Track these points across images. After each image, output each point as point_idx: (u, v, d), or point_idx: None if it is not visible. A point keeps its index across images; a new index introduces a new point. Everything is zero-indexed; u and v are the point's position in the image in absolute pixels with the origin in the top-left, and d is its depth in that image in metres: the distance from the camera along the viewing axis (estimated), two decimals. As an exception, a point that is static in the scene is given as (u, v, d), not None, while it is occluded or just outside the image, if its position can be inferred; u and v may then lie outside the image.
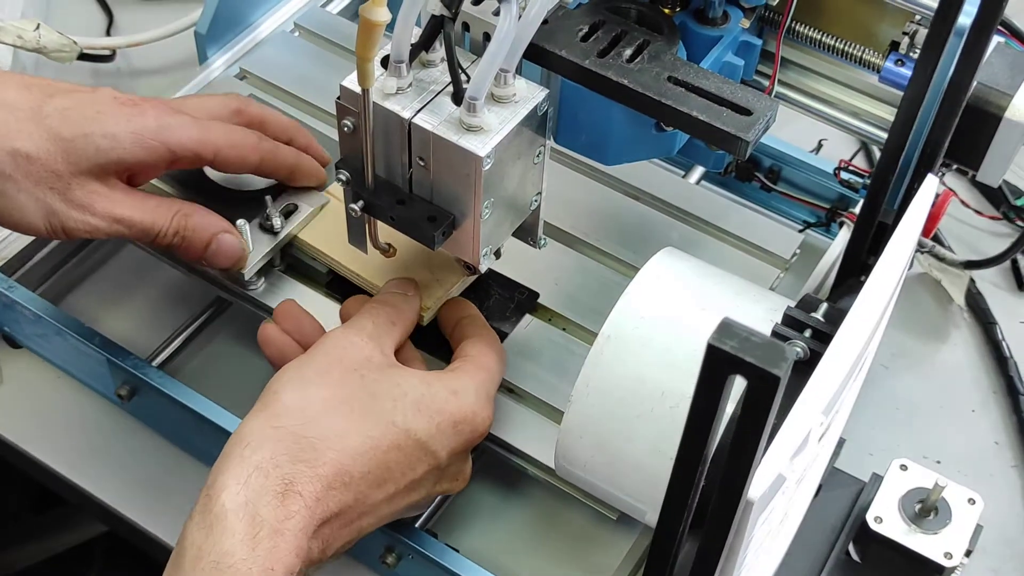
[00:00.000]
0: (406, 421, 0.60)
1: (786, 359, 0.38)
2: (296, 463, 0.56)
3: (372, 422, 0.59)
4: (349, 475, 0.57)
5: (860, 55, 0.69)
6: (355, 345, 0.63)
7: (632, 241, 0.79)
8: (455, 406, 0.62)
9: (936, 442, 0.79)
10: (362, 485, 0.58)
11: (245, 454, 0.56)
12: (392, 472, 0.59)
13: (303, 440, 0.57)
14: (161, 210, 0.69)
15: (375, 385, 0.61)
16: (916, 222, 0.56)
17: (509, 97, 0.60)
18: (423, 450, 0.61)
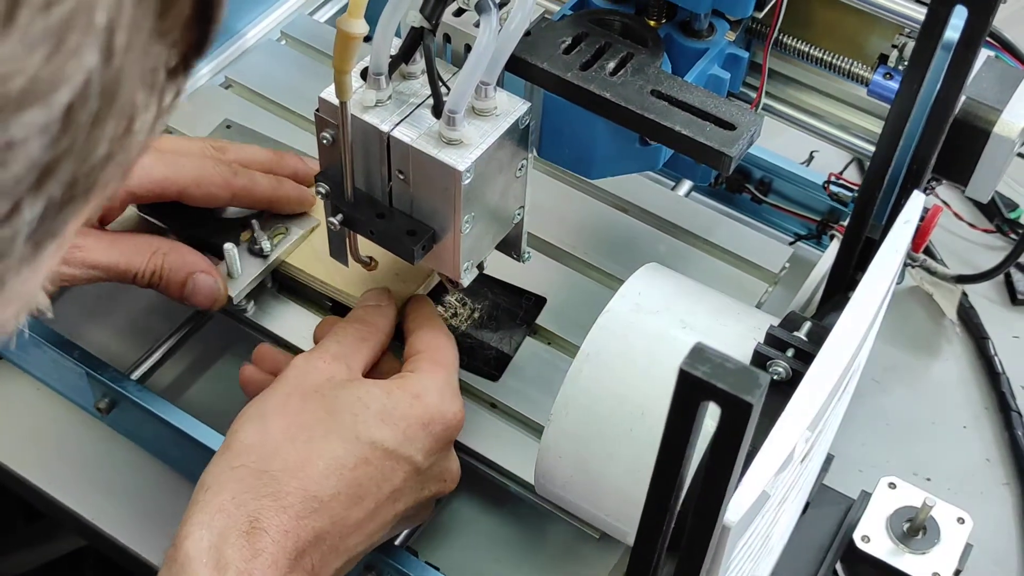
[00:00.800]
0: (370, 433, 0.59)
1: (759, 385, 0.38)
2: (260, 499, 0.55)
3: (335, 442, 0.58)
4: (318, 500, 0.56)
5: (848, 68, 0.68)
6: (316, 368, 0.62)
7: (619, 254, 0.78)
8: (420, 409, 0.61)
9: (926, 458, 0.78)
10: (336, 507, 0.57)
11: (207, 498, 0.55)
12: (366, 487, 0.58)
13: (264, 475, 0.56)
14: (137, 251, 0.68)
15: (335, 403, 0.60)
16: (902, 240, 0.55)
17: (490, 110, 0.59)
18: (395, 458, 0.60)
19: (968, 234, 0.89)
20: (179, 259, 0.69)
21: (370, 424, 0.59)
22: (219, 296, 0.70)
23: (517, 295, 0.75)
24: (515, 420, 0.70)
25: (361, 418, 0.59)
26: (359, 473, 0.58)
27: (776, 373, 0.54)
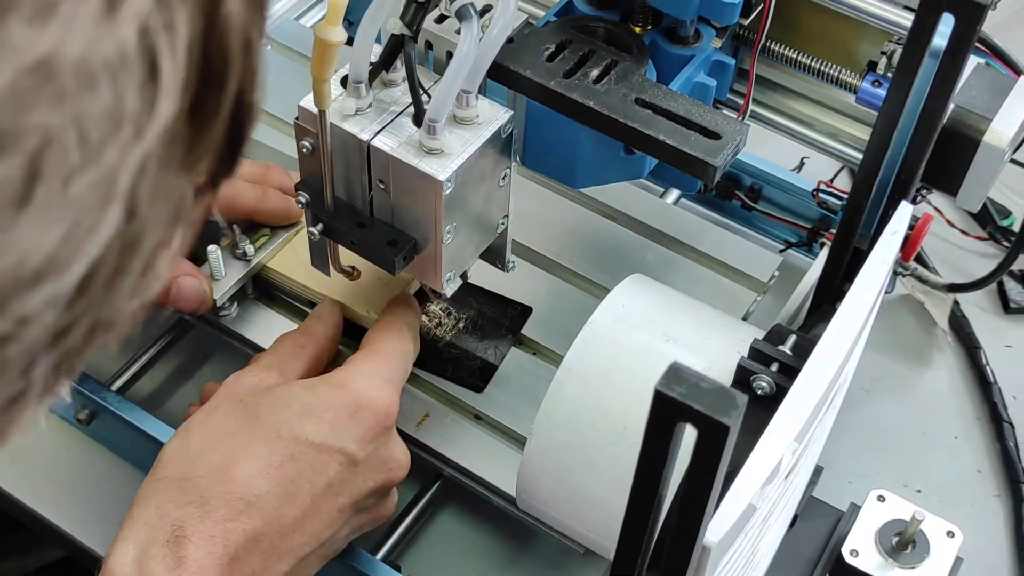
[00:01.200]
0: (292, 430, 0.58)
1: (736, 407, 0.37)
2: (183, 507, 0.55)
3: (258, 443, 0.58)
4: (244, 502, 0.56)
5: (837, 75, 0.67)
6: (244, 380, 0.62)
7: (606, 263, 0.77)
8: (344, 398, 0.60)
9: (917, 470, 0.77)
10: (266, 507, 0.56)
11: (133, 514, 0.55)
12: (297, 483, 0.58)
13: (186, 483, 0.56)
14: None
15: (258, 407, 0.60)
16: (888, 252, 0.54)
17: (472, 119, 0.59)
18: (324, 451, 0.59)
19: (960, 241, 0.88)
20: None
21: (293, 421, 0.59)
22: (205, 298, 0.69)
23: (503, 304, 0.74)
24: (500, 432, 0.69)
25: (283, 416, 0.59)
26: (287, 470, 0.57)
27: (760, 388, 0.53)
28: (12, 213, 0.22)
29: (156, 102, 0.24)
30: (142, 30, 0.24)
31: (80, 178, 0.23)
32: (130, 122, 0.24)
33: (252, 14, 0.27)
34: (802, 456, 0.55)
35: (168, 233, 0.27)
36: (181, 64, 0.25)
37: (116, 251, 0.25)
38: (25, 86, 0.21)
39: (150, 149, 0.25)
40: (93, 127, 0.23)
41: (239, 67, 0.27)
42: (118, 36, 0.23)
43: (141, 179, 0.25)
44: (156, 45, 0.24)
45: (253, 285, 0.74)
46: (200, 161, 0.27)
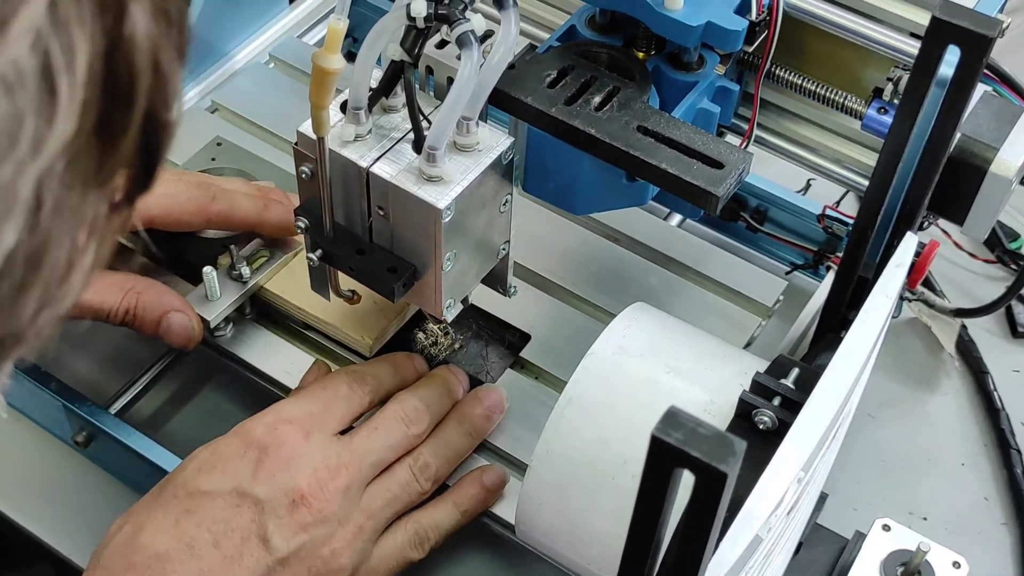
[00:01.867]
0: (187, 487, 0.58)
1: (734, 453, 0.36)
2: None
3: (158, 509, 0.58)
4: (146, 565, 0.56)
5: (842, 101, 0.66)
6: None
7: (609, 286, 0.76)
8: (234, 443, 0.59)
9: (923, 497, 0.76)
10: (172, 564, 0.56)
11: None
12: (198, 535, 0.57)
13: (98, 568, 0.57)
14: (111, 289, 0.67)
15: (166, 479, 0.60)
16: (893, 285, 0.53)
17: (472, 146, 0.58)
18: (218, 496, 0.58)
19: (968, 264, 0.87)
20: (153, 298, 0.67)
21: (188, 478, 0.59)
22: (193, 336, 0.69)
23: (502, 328, 0.73)
24: (499, 458, 0.68)
25: (181, 477, 0.59)
26: (185, 525, 0.57)
27: (762, 423, 0.52)
28: None
29: (54, 120, 0.25)
30: (37, 49, 0.24)
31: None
32: (27, 138, 0.24)
33: (162, 32, 0.27)
34: (806, 488, 0.55)
35: (79, 248, 0.27)
36: (80, 83, 0.25)
37: (20, 264, 0.25)
38: None
39: (49, 165, 0.25)
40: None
41: (147, 85, 0.27)
42: (10, 53, 0.23)
43: (42, 195, 0.25)
44: (53, 64, 0.24)
45: (251, 306, 0.74)
46: (112, 178, 0.27)
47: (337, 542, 0.59)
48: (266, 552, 0.57)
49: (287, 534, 0.57)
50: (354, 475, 0.60)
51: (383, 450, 0.62)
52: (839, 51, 0.66)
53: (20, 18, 0.23)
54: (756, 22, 0.61)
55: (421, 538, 0.63)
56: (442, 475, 0.64)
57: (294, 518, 0.58)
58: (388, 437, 0.62)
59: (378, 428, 0.62)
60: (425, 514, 0.63)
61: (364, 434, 0.61)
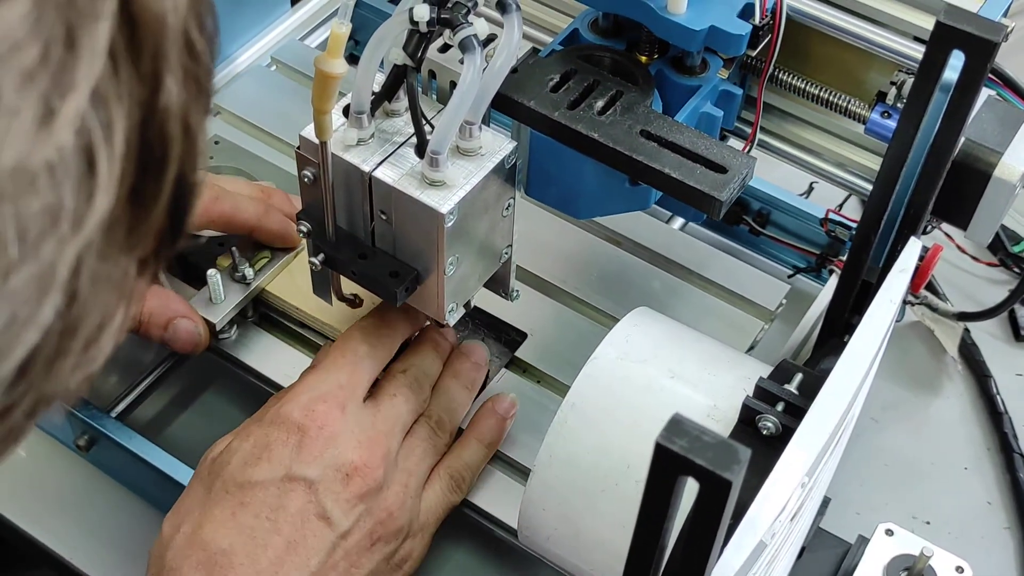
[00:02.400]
0: (236, 480, 0.59)
1: (739, 461, 0.36)
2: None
3: (212, 506, 0.59)
4: (213, 562, 0.56)
5: (845, 105, 0.66)
6: (211, 451, 0.62)
7: (612, 290, 0.76)
8: (274, 433, 0.60)
9: (926, 501, 0.76)
10: (238, 558, 0.56)
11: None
12: (257, 526, 0.57)
13: (164, 570, 0.57)
14: None
15: (210, 476, 0.61)
16: (897, 290, 0.53)
17: (475, 150, 0.58)
18: (270, 485, 0.58)
19: (971, 267, 0.87)
20: (159, 304, 0.67)
21: (235, 472, 0.59)
22: (200, 342, 0.69)
23: (499, 328, 0.73)
24: (500, 462, 0.68)
25: (227, 473, 0.59)
26: (242, 517, 0.58)
27: (765, 428, 0.52)
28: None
29: (94, 196, 0.25)
30: (79, 131, 0.24)
31: (18, 273, 0.23)
32: (67, 217, 0.24)
33: (192, 97, 0.27)
34: (810, 493, 0.54)
35: (111, 311, 0.27)
36: (118, 157, 0.25)
37: (56, 335, 0.25)
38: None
39: (88, 240, 0.25)
40: (31, 224, 0.23)
41: (179, 151, 0.27)
42: (55, 142, 0.23)
43: (80, 268, 0.25)
44: (93, 143, 0.24)
45: (253, 309, 0.74)
46: (142, 241, 0.28)
47: (389, 503, 0.61)
48: (329, 528, 0.58)
49: (346, 507, 0.59)
50: (392, 440, 0.62)
51: (407, 414, 0.64)
52: (842, 55, 0.66)
53: (68, 105, 0.23)
54: (759, 26, 0.61)
55: (457, 481, 0.65)
56: (454, 428, 0.67)
57: (350, 490, 0.59)
58: (407, 402, 0.64)
59: (396, 395, 0.64)
60: (454, 457, 0.65)
61: (388, 402, 0.63)
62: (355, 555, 0.59)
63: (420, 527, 0.63)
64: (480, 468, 0.66)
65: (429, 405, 0.66)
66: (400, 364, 0.66)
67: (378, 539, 0.60)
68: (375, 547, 0.60)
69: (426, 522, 0.63)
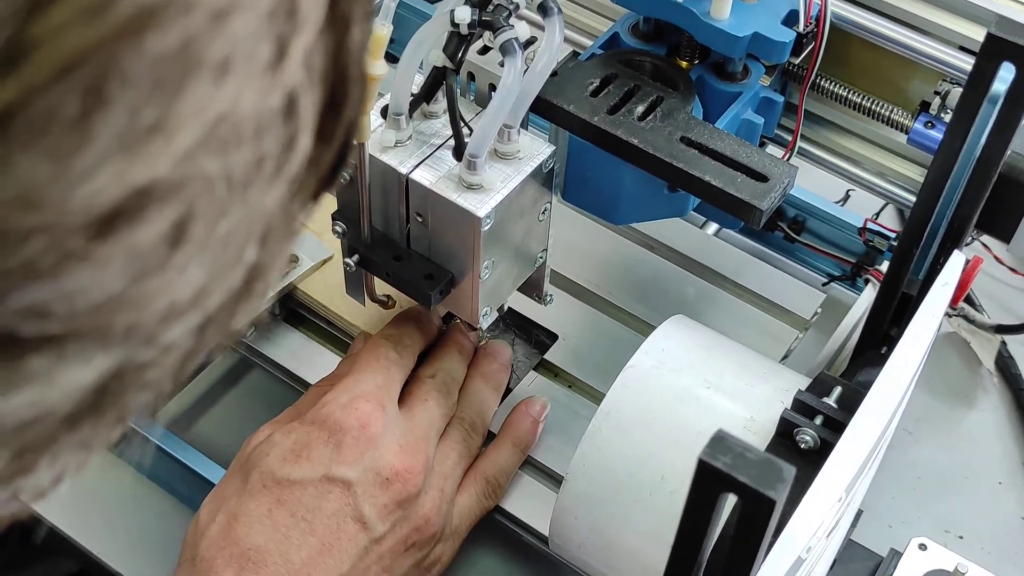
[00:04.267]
0: (275, 476, 0.58)
1: (783, 480, 0.35)
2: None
3: (248, 500, 0.58)
4: (246, 558, 0.56)
5: (888, 114, 0.65)
6: (248, 446, 0.62)
7: (646, 295, 0.75)
8: (317, 431, 0.60)
9: (959, 515, 0.75)
10: (271, 556, 0.56)
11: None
12: (293, 525, 0.57)
13: (196, 560, 0.57)
14: None
15: (247, 467, 0.60)
16: (939, 304, 0.52)
17: (513, 154, 0.57)
18: (309, 485, 0.58)
19: (1009, 279, 0.86)
20: None
21: (274, 467, 0.59)
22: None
23: (529, 327, 0.73)
24: (529, 466, 0.68)
25: (266, 467, 0.59)
26: (278, 516, 0.57)
27: (804, 442, 0.51)
28: (166, 253, 0.22)
29: (296, 138, 0.24)
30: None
31: (227, 218, 0.23)
32: (271, 159, 0.24)
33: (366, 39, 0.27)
34: (846, 508, 0.54)
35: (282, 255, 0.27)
36: (317, 98, 0.25)
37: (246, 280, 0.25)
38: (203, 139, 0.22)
39: (288, 182, 0.25)
40: (240, 169, 0.23)
41: (357, 93, 0.27)
42: (283, 86, 0.23)
43: (276, 212, 0.25)
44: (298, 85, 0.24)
45: (281, 306, 0.73)
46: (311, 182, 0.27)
47: (426, 510, 0.60)
48: (364, 532, 0.58)
49: (383, 512, 0.59)
50: (429, 446, 0.62)
51: (440, 419, 0.64)
52: (884, 63, 0.65)
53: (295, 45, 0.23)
54: (803, 33, 0.60)
55: (492, 486, 0.65)
56: (485, 429, 0.67)
57: (388, 495, 0.59)
58: (439, 407, 0.64)
59: (428, 400, 0.64)
60: (489, 462, 0.65)
61: (421, 407, 0.63)
62: (388, 560, 0.59)
63: (452, 531, 0.63)
64: (513, 472, 0.66)
65: (459, 408, 0.66)
66: (427, 369, 0.66)
67: (412, 545, 0.60)
68: (408, 552, 0.60)
69: (459, 526, 0.63)
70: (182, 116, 0.21)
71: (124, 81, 0.20)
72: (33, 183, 0.20)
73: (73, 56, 0.19)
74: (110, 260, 0.21)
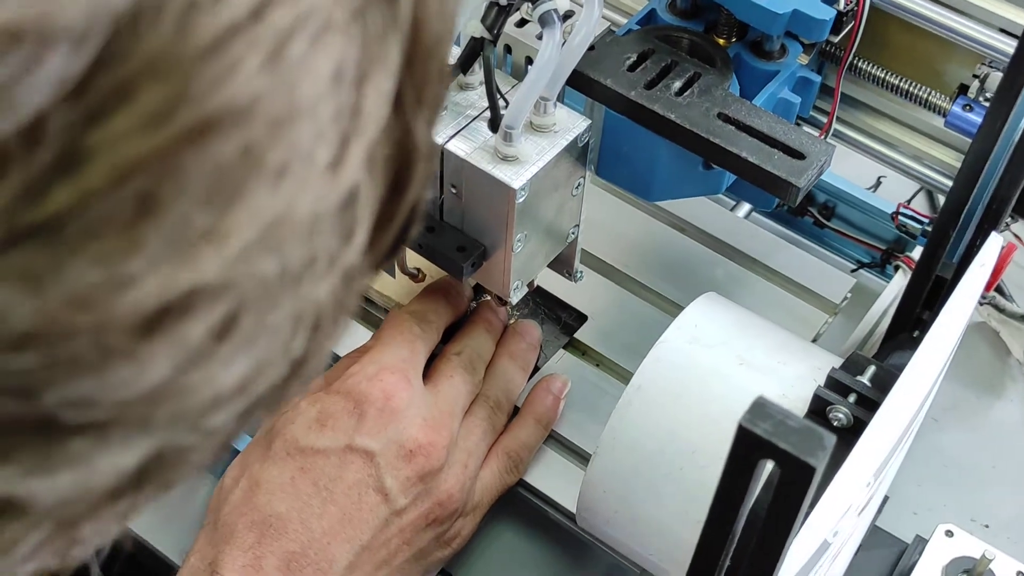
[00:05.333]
0: (298, 445, 0.58)
1: (824, 448, 0.35)
2: (217, 545, 0.56)
3: (271, 466, 0.58)
4: (267, 524, 0.56)
5: (926, 97, 0.65)
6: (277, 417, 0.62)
7: (675, 276, 0.75)
8: (342, 401, 0.59)
9: (985, 504, 0.75)
10: (291, 525, 0.56)
11: (183, 565, 0.57)
12: (315, 494, 0.57)
13: (219, 524, 0.57)
14: None
15: (272, 435, 0.60)
16: (976, 285, 0.52)
17: (548, 126, 0.57)
18: (332, 454, 0.58)
19: (1039, 269, 0.85)
20: None
21: (299, 435, 0.59)
22: None
23: (558, 307, 0.73)
24: (555, 443, 0.67)
25: (290, 435, 0.59)
26: (300, 484, 0.57)
27: (837, 420, 0.51)
28: (213, 346, 0.22)
29: (354, 231, 0.24)
30: None
31: (277, 312, 0.23)
32: (326, 254, 0.24)
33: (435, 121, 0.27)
34: (876, 490, 0.54)
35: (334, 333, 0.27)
36: (379, 189, 0.25)
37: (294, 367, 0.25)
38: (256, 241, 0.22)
39: (343, 274, 0.25)
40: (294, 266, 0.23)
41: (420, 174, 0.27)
42: (341, 186, 0.23)
43: (328, 302, 0.25)
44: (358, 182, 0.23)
45: None
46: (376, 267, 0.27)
47: (449, 485, 0.60)
48: (384, 504, 0.58)
49: (405, 485, 0.58)
50: (454, 421, 0.61)
51: (466, 395, 0.63)
52: (922, 44, 0.64)
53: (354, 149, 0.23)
54: (844, 12, 0.60)
55: (515, 461, 0.65)
56: (511, 408, 0.66)
57: (411, 468, 0.59)
58: (464, 384, 0.64)
59: (454, 376, 0.63)
60: (511, 437, 0.65)
61: (447, 383, 0.63)
62: (409, 533, 0.59)
63: (474, 506, 0.63)
64: (536, 448, 0.66)
65: (485, 385, 0.66)
66: (454, 346, 0.65)
67: (433, 520, 0.60)
68: (429, 527, 0.60)
69: (480, 502, 0.63)
70: (237, 221, 0.21)
71: (180, 189, 0.20)
72: (83, 287, 0.20)
73: (131, 164, 0.19)
74: (156, 356, 0.21)
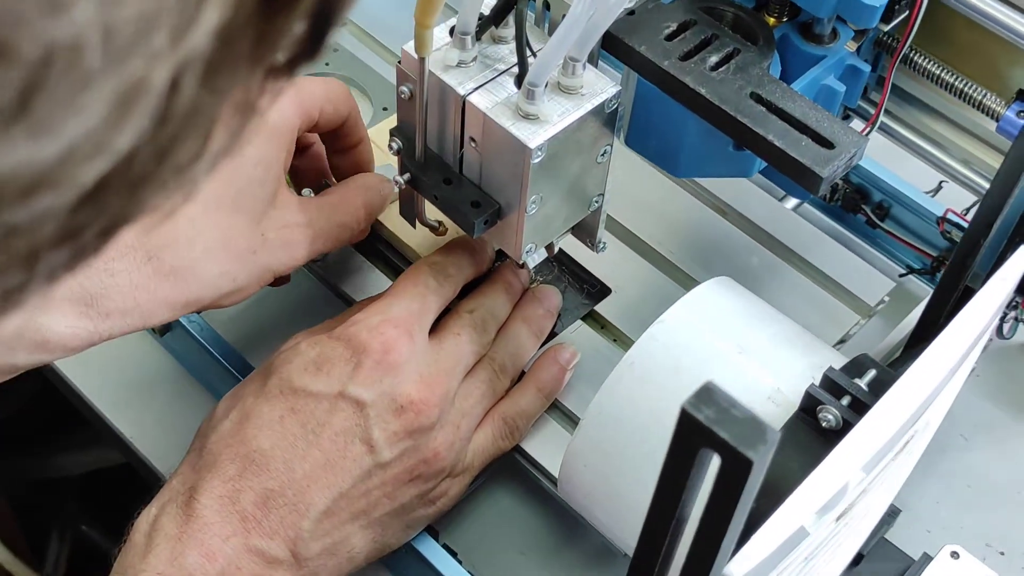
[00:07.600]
0: (292, 385, 0.58)
1: (765, 442, 0.34)
2: (199, 471, 0.56)
3: (263, 402, 0.58)
4: (250, 459, 0.56)
5: (980, 99, 0.62)
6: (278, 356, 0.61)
7: (708, 259, 0.73)
8: (341, 347, 0.59)
9: (1005, 530, 0.72)
10: (274, 463, 0.56)
11: (170, 483, 0.58)
12: (302, 436, 0.57)
13: (203, 451, 0.58)
14: None
15: (268, 371, 0.60)
16: (994, 298, 0.49)
17: (576, 88, 0.56)
18: (324, 399, 0.57)
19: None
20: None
21: (294, 376, 0.58)
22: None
23: (583, 277, 0.71)
24: (558, 412, 0.66)
25: (286, 374, 0.59)
26: (289, 423, 0.57)
27: (826, 420, 0.49)
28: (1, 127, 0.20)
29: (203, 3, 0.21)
30: None
31: (94, 88, 0.20)
32: (166, 25, 0.20)
33: None
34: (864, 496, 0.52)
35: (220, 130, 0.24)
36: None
37: (145, 159, 0.22)
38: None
39: (191, 55, 0.21)
40: (122, 30, 0.20)
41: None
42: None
43: (179, 87, 0.22)
44: None
45: None
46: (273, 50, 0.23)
47: (437, 444, 0.60)
48: (369, 455, 0.58)
49: (392, 439, 0.58)
50: (452, 380, 0.61)
51: (470, 355, 0.62)
52: (987, 45, 0.61)
53: None
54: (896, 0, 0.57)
55: (511, 427, 0.64)
56: (516, 373, 0.65)
57: (400, 423, 0.58)
58: (471, 343, 0.63)
59: (461, 335, 0.62)
60: (510, 403, 0.64)
61: (452, 340, 0.62)
62: (391, 486, 0.58)
63: (464, 468, 0.62)
64: (535, 417, 0.65)
65: (494, 347, 0.65)
66: (468, 303, 0.64)
67: (417, 476, 0.59)
68: (413, 483, 0.59)
69: (471, 464, 0.62)
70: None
71: None
72: None
73: None
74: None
